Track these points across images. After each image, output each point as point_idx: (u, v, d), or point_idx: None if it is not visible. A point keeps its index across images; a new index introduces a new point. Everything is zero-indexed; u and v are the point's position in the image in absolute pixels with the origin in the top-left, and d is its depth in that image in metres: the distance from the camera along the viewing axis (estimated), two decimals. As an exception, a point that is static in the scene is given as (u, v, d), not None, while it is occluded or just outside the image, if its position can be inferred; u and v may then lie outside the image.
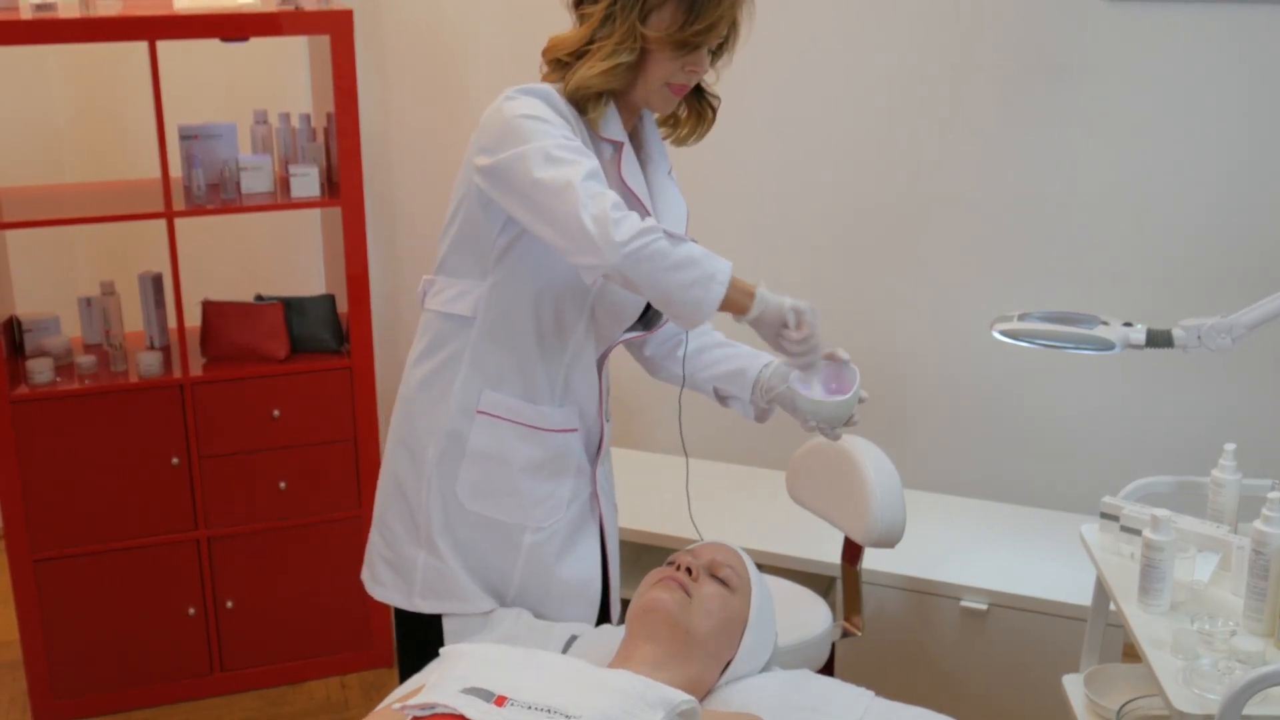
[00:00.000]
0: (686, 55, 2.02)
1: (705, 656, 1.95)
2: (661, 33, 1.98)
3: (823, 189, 3.73)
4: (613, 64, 1.99)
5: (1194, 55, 3.29)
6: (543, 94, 2.00)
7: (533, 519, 2.17)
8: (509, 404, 2.13)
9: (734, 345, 2.32)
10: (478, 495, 2.15)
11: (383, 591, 2.25)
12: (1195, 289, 3.38)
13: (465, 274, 2.12)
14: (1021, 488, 3.63)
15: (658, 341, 2.36)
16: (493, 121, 1.99)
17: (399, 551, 2.21)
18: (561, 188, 1.88)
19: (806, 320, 1.99)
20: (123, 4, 3.34)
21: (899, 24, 3.54)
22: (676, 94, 2.08)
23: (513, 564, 2.17)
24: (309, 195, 3.36)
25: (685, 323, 1.94)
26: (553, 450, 2.17)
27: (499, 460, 2.14)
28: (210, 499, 3.38)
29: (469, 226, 2.09)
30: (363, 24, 3.72)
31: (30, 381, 3.24)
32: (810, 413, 2.07)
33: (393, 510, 2.22)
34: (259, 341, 3.40)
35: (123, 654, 3.42)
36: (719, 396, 2.32)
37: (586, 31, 2.03)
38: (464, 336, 2.12)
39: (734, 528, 3.23)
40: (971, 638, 3.05)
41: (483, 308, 2.10)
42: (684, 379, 2.33)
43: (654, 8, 1.98)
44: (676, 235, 1.90)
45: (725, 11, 2.01)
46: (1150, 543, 2.22)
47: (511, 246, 2.07)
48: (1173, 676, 2.06)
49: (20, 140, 4.03)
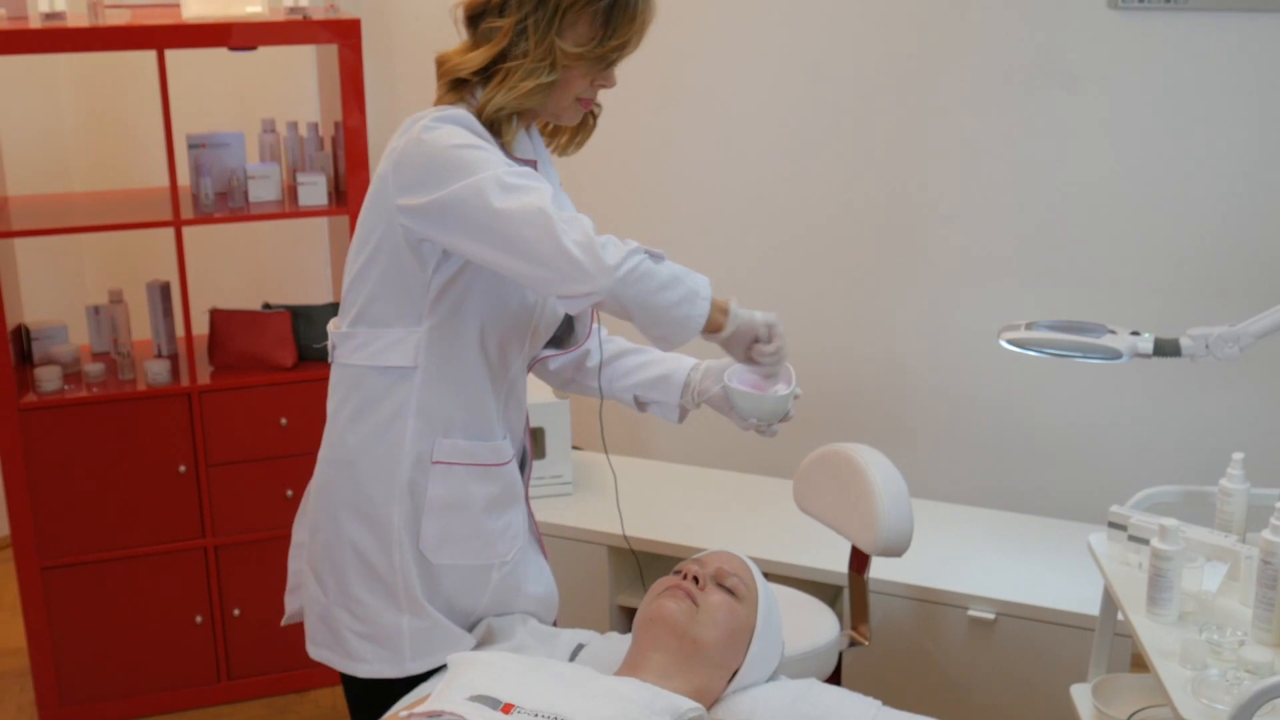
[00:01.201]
0: (599, 72, 1.97)
1: (712, 665, 1.95)
2: (578, 49, 1.92)
3: (828, 197, 3.73)
4: (533, 84, 1.92)
5: (1199, 63, 3.29)
6: (463, 120, 1.91)
7: (497, 555, 2.10)
8: (463, 447, 2.05)
9: (647, 351, 2.27)
10: (443, 545, 2.05)
11: (367, 667, 2.07)
12: (1202, 298, 3.38)
13: (394, 322, 2.00)
14: (1028, 497, 3.62)
15: (565, 357, 2.30)
16: (416, 155, 1.88)
17: (376, 623, 2.06)
18: (532, 216, 1.80)
19: (777, 332, 1.98)
20: (131, 13, 3.35)
21: (905, 31, 3.55)
22: (585, 107, 2.03)
23: (479, 599, 2.11)
24: (316, 204, 3.36)
25: (669, 343, 1.91)
26: (504, 483, 2.11)
27: (460, 506, 2.05)
28: (218, 507, 3.38)
29: (394, 272, 1.97)
30: (370, 33, 3.72)
31: (38, 389, 3.25)
32: (750, 411, 2.08)
33: (360, 583, 2.06)
34: (266, 350, 3.41)
35: (130, 662, 3.42)
36: (638, 403, 2.27)
37: (495, 49, 1.94)
38: (405, 387, 2.01)
39: (741, 537, 3.23)
40: (979, 647, 3.04)
41: (424, 354, 2.00)
42: (601, 391, 2.27)
43: (569, 24, 1.92)
44: (656, 252, 1.86)
45: (639, 27, 1.95)
46: (1158, 552, 2.22)
47: (449, 286, 1.97)
48: (1181, 687, 2.05)
49: (29, 149, 4.05)
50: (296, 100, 4.04)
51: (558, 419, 3.43)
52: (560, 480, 3.48)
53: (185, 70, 3.42)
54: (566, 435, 3.48)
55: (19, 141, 3.74)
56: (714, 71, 3.78)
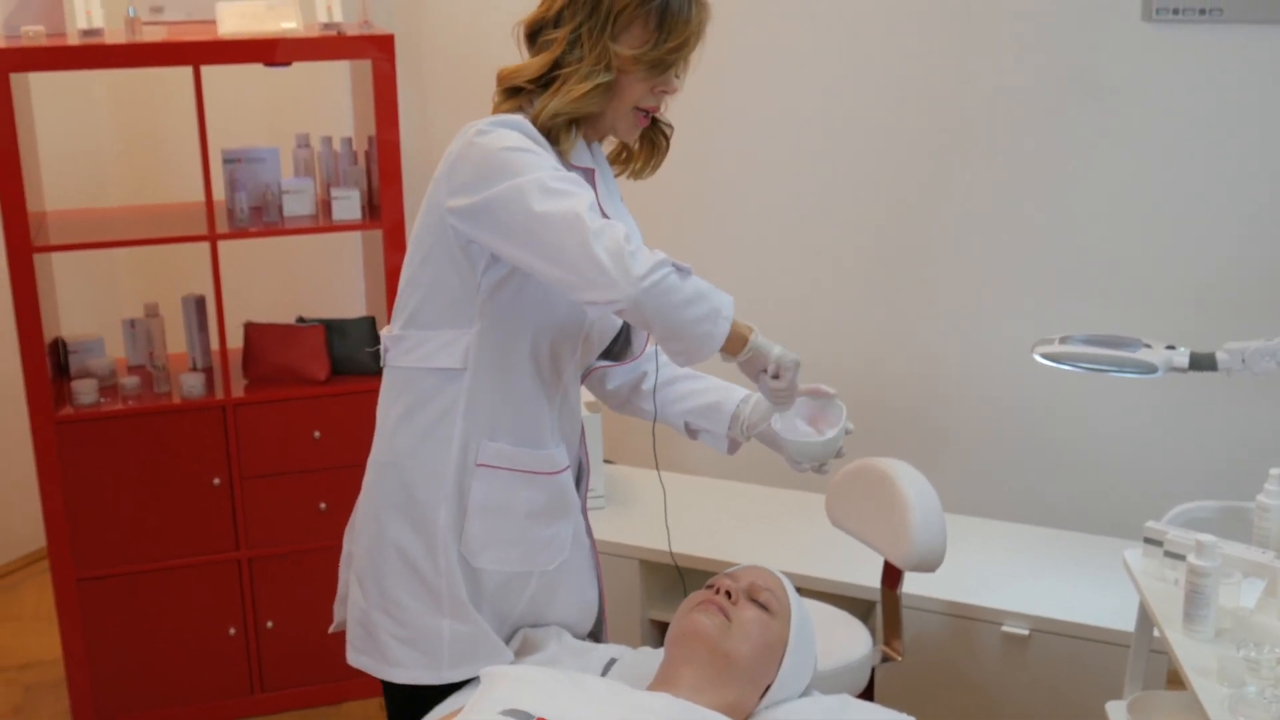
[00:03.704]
0: (657, 76, 1.97)
1: (744, 681, 1.94)
2: (634, 51, 1.94)
3: (860, 209, 3.73)
4: (590, 86, 1.94)
5: (1233, 75, 3.27)
6: (518, 125, 1.93)
7: (539, 564, 2.10)
8: (508, 452, 2.05)
9: (703, 378, 2.25)
10: (485, 549, 2.05)
11: (404, 673, 2.07)
12: (1237, 312, 3.35)
13: (445, 324, 2.02)
14: (1063, 512, 3.60)
15: (621, 375, 2.29)
16: (469, 158, 1.91)
17: (417, 627, 2.06)
18: (568, 220, 1.81)
19: (786, 370, 1.94)
20: (168, 30, 3.38)
21: (938, 43, 3.54)
22: (642, 121, 2.03)
23: (515, 605, 2.11)
24: (350, 218, 3.38)
25: (687, 359, 1.90)
26: (553, 492, 2.10)
27: (503, 510, 2.05)
28: (251, 519, 3.40)
29: (446, 273, 1.99)
30: (404, 48, 3.75)
31: (75, 402, 3.27)
32: (796, 452, 2.05)
33: (402, 586, 2.06)
34: (300, 363, 3.42)
35: (164, 673, 3.44)
36: (688, 430, 2.26)
37: (550, 57, 1.96)
38: (454, 389, 2.02)
39: (773, 551, 3.23)
40: (1013, 663, 3.02)
41: (473, 356, 2.01)
42: (655, 413, 2.26)
43: (623, 27, 1.94)
44: (683, 267, 1.86)
45: (694, 29, 1.96)
46: (1195, 568, 2.20)
47: (499, 288, 1.99)
48: (1218, 704, 2.04)
49: (67, 164, 4.09)
50: (330, 115, 4.06)
51: (591, 432, 3.42)
52: (593, 494, 3.48)
53: (221, 85, 3.44)
54: (599, 449, 3.49)
55: (57, 156, 3.78)
56: (748, 81, 3.79)
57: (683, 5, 1.94)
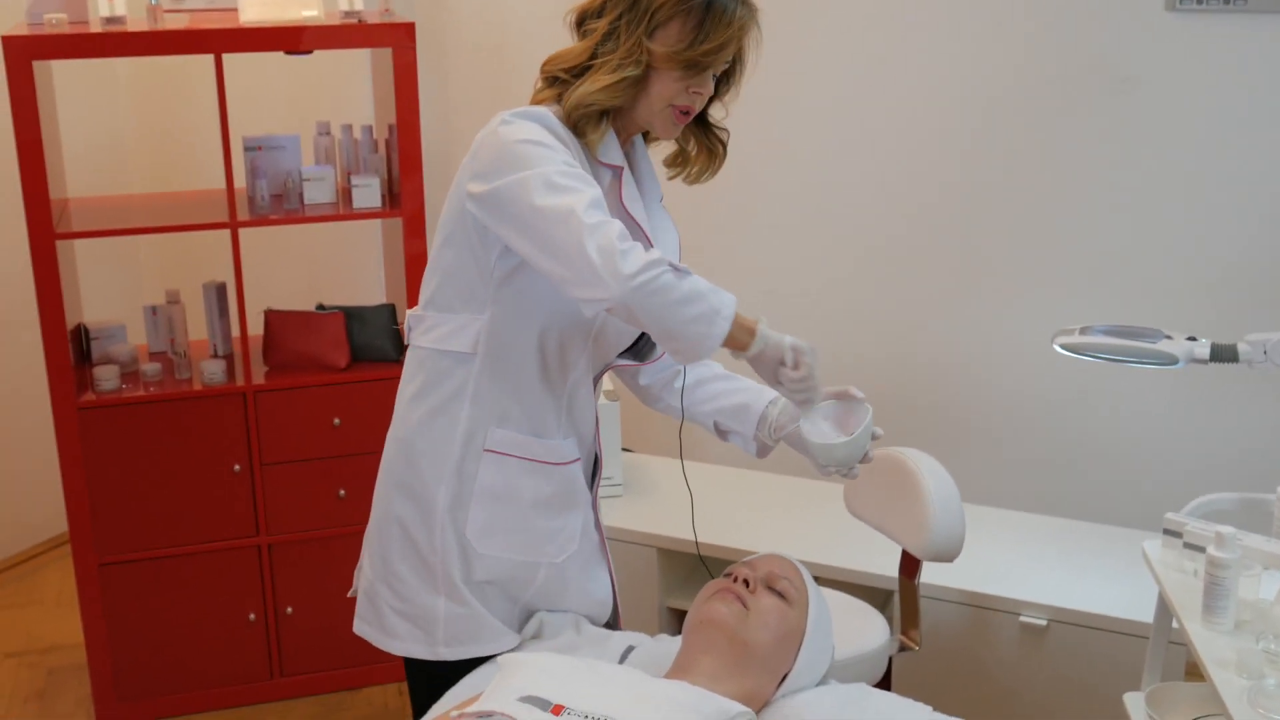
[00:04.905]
0: (692, 76, 1.97)
1: (762, 669, 1.95)
2: (669, 49, 1.94)
3: (882, 202, 3.72)
4: (618, 78, 1.94)
5: (1257, 66, 3.25)
6: (541, 118, 1.95)
7: (545, 555, 2.11)
8: (516, 440, 2.07)
9: (735, 379, 2.25)
10: (488, 535, 2.07)
11: (400, 645, 2.12)
12: (1258, 303, 3.34)
13: (460, 308, 2.05)
14: (1082, 502, 3.59)
15: (654, 371, 2.29)
16: (489, 146, 1.93)
17: (414, 602, 2.10)
18: (564, 216, 1.82)
19: (805, 360, 1.93)
20: (189, 18, 3.39)
21: (961, 34, 3.53)
22: (680, 119, 2.02)
23: (524, 591, 2.12)
24: (370, 206, 3.39)
25: (685, 358, 1.89)
26: (560, 484, 2.12)
27: (508, 498, 2.08)
28: (271, 506, 3.42)
29: (463, 258, 2.02)
30: (425, 36, 3.75)
31: (97, 388, 3.29)
32: (822, 454, 2.02)
33: (401, 559, 2.11)
34: (320, 350, 3.44)
35: (184, 658, 3.46)
36: (719, 430, 2.25)
37: (589, 46, 1.98)
38: (463, 373, 2.05)
39: (791, 540, 3.22)
40: (1031, 654, 3.02)
41: (483, 342, 2.03)
42: (683, 412, 2.26)
43: (660, 24, 1.94)
44: (681, 268, 1.85)
45: (734, 34, 1.96)
46: (1215, 560, 2.20)
47: (510, 277, 2.00)
48: (1237, 697, 2.03)
49: (89, 152, 4.11)
50: (351, 103, 4.07)
51: (608, 421, 3.44)
52: (610, 482, 3.49)
53: (242, 73, 3.45)
54: (617, 437, 3.49)
55: (79, 144, 3.80)
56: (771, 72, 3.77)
57: (726, 7, 1.94)
